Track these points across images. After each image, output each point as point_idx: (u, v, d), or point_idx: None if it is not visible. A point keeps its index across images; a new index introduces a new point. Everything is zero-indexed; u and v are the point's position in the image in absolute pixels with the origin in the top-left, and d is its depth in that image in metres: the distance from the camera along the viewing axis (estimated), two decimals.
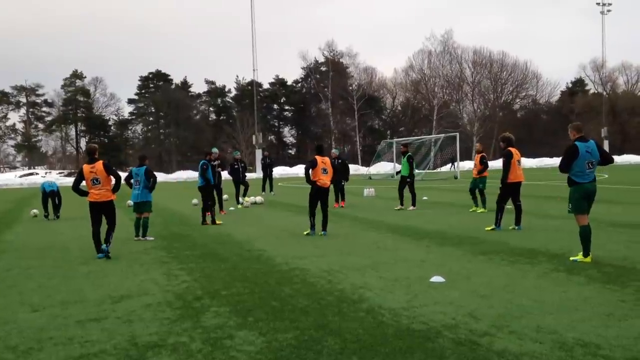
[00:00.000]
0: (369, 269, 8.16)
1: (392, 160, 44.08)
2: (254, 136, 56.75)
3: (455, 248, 9.76)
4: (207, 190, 14.78)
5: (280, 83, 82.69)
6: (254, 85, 60.49)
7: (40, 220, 16.71)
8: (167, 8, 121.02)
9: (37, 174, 56.99)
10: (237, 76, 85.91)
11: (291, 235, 12.00)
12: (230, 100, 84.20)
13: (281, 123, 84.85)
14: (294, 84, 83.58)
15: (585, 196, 8.21)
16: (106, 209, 9.77)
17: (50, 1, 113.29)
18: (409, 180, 16.87)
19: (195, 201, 20.40)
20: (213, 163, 15.72)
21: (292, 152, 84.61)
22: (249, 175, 30.91)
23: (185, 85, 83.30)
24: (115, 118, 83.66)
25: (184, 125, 76.13)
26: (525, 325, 5.32)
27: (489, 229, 11.78)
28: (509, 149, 11.83)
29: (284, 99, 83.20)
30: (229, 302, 6.48)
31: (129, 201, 19.20)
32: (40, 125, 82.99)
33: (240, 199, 19.85)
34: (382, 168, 47.73)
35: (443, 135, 46.43)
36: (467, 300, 6.27)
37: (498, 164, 57.11)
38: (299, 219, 15.00)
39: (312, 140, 76.77)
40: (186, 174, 54.06)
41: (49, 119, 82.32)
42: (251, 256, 9.56)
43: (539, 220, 13.06)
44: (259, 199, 20.65)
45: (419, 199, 17.82)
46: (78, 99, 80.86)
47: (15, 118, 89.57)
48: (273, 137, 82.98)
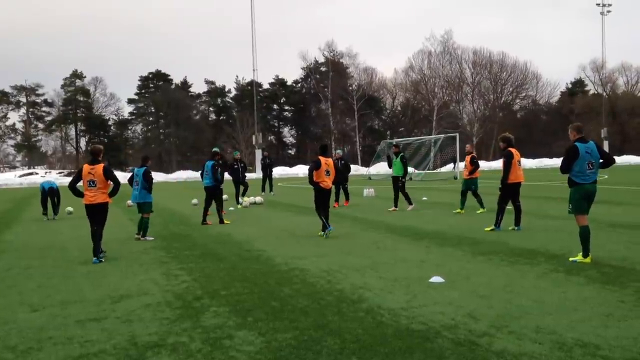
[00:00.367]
0: (369, 269, 8.16)
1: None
2: (254, 136, 56.78)
3: (454, 248, 9.76)
4: (218, 191, 14.74)
5: (280, 83, 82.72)
6: (254, 85, 60.53)
7: (40, 220, 16.71)
8: (167, 8, 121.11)
9: (37, 173, 56.94)
10: (237, 76, 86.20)
11: (291, 236, 12.00)
12: (230, 101, 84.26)
13: (281, 123, 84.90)
14: (294, 84, 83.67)
15: (586, 197, 8.22)
16: (98, 211, 9.53)
17: (50, 1, 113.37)
18: (403, 180, 16.80)
19: (195, 201, 20.40)
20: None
21: (292, 152, 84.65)
22: (249, 176, 30.93)
23: (185, 85, 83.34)
24: (115, 118, 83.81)
25: (184, 125, 76.16)
26: (524, 325, 5.32)
27: (489, 229, 11.78)
28: (509, 149, 11.82)
29: (283, 99, 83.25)
30: (228, 302, 6.48)
31: (128, 201, 19.21)
32: (40, 125, 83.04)
33: (240, 199, 19.87)
34: (382, 168, 47.65)
35: (443, 135, 46.48)
36: (467, 300, 6.27)
37: (498, 164, 57.17)
38: (298, 219, 15.01)
39: (312, 141, 76.86)
40: (186, 174, 54.06)
41: (48, 118, 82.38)
42: (251, 256, 9.56)
43: (539, 220, 13.06)
44: (259, 199, 20.65)
45: (419, 199, 17.84)
46: (78, 99, 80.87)
47: (15, 118, 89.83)
48: (273, 137, 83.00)
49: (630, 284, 6.82)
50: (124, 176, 33.39)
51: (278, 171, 50.64)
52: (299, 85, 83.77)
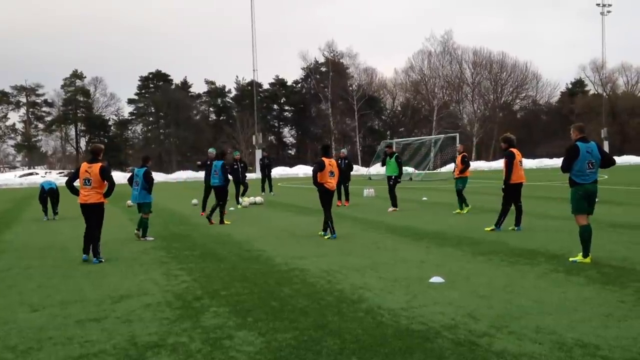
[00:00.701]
0: (369, 269, 8.16)
1: None
2: (254, 136, 56.75)
3: (454, 248, 9.76)
4: (225, 190, 14.79)
5: (280, 83, 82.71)
6: (254, 85, 60.51)
7: (40, 220, 16.71)
8: (167, 8, 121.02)
9: (37, 173, 56.95)
10: (237, 76, 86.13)
11: (291, 236, 12.00)
12: (230, 101, 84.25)
13: (281, 123, 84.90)
14: (294, 85, 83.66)
15: (586, 196, 8.23)
16: (92, 211, 9.47)
17: (50, 1, 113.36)
18: (399, 180, 16.97)
19: (195, 201, 20.39)
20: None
21: (292, 153, 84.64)
22: (249, 176, 30.91)
23: (185, 85, 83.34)
24: (115, 118, 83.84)
25: (184, 125, 76.17)
26: (524, 325, 5.32)
27: (489, 229, 11.78)
28: (510, 149, 11.81)
29: (284, 100, 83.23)
30: (228, 302, 6.48)
31: (128, 201, 19.21)
32: (40, 125, 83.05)
33: (239, 199, 19.87)
34: (382, 169, 47.66)
35: (443, 135, 46.46)
36: (467, 300, 6.27)
37: (498, 164, 57.12)
38: (298, 219, 15.01)
39: (312, 141, 76.84)
40: (186, 174, 54.00)
41: (48, 119, 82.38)
42: (251, 256, 9.56)
43: (539, 220, 13.06)
44: (259, 199, 20.65)
45: (419, 199, 17.85)
46: (78, 99, 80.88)
47: (15, 118, 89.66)
48: (273, 138, 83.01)
49: (630, 284, 6.82)
50: (123, 176, 33.41)
51: (278, 171, 50.63)
52: (299, 85, 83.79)
